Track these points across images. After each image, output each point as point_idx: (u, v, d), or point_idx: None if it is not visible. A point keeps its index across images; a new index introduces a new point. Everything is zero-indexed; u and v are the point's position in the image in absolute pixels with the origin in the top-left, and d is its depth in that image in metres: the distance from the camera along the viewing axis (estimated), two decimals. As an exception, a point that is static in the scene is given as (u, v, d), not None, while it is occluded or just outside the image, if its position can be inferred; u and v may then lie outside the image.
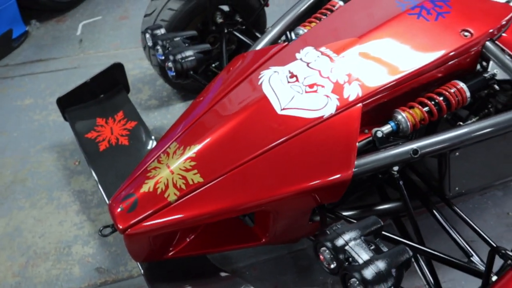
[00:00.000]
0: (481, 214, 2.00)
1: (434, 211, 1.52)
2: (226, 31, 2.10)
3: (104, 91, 1.98)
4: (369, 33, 1.52)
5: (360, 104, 1.39)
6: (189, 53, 1.73)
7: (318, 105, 1.38)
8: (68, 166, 2.02)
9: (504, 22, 1.55)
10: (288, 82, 1.43)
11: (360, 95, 1.40)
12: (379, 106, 1.45)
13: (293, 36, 1.78)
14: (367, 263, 1.11)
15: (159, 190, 1.33)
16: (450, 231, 1.46)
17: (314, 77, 1.43)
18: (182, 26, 2.00)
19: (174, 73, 1.75)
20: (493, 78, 1.50)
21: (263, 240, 1.49)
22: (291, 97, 1.40)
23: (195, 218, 1.31)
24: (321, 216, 1.42)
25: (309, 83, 1.42)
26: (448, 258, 1.40)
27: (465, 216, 1.51)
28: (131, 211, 1.33)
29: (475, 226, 1.49)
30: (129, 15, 2.98)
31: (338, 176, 1.32)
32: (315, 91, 1.41)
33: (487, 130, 1.40)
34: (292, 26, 1.81)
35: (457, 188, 1.59)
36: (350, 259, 1.14)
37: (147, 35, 1.86)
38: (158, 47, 1.79)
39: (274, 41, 1.76)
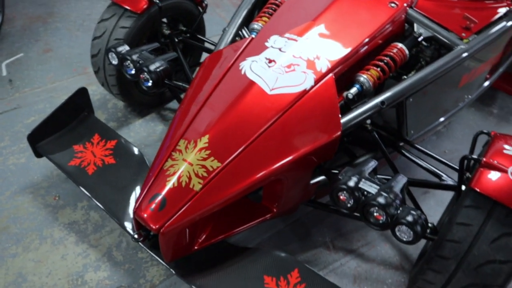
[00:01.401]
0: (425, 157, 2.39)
1: (402, 151, 1.82)
2: (177, 40, 2.23)
3: (72, 119, 1.96)
4: (320, 15, 1.78)
5: (331, 74, 1.63)
6: (161, 62, 1.84)
7: (299, 81, 1.60)
8: (48, 203, 1.95)
9: (416, -9, 1.93)
10: (269, 66, 1.62)
11: (330, 66, 1.64)
12: (344, 74, 1.71)
13: (246, 32, 1.97)
14: (379, 192, 1.36)
15: (183, 183, 1.43)
16: (420, 162, 1.77)
17: (289, 58, 1.64)
18: (135, 42, 2.06)
19: (150, 84, 1.83)
20: (420, 36, 1.86)
21: (274, 210, 1.64)
22: (275, 78, 1.59)
23: (223, 199, 1.43)
24: (325, 173, 1.63)
25: (287, 64, 1.63)
26: (425, 181, 1.71)
27: (426, 150, 1.84)
28: (162, 209, 1.41)
29: (436, 156, 1.82)
30: (52, 47, 2.90)
31: (330, 135, 1.55)
32: (293, 70, 1.62)
33: (427, 78, 1.73)
34: (243, 24, 2.00)
35: (412, 132, 1.91)
36: (365, 193, 1.38)
37: (111, 54, 1.91)
38: (128, 63, 1.86)
39: (233, 39, 1.94)
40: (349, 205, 1.41)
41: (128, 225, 1.63)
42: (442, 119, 2.08)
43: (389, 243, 1.94)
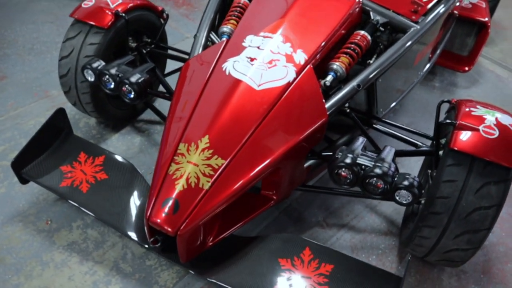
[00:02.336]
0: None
1: (377, 126, 2.00)
2: (145, 51, 2.25)
3: (53, 141, 1.93)
4: (287, 12, 1.90)
5: (310, 65, 1.76)
6: (140, 74, 1.87)
7: (282, 75, 1.71)
8: (41, 229, 1.90)
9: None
10: (251, 64, 1.72)
11: (307, 58, 1.77)
12: (318, 64, 1.85)
13: (215, 36, 2.05)
14: (375, 164, 1.51)
15: (193, 184, 1.49)
16: (396, 133, 1.95)
17: (268, 55, 1.75)
18: (107, 57, 2.06)
19: (132, 95, 1.86)
20: (378, 23, 2.04)
21: (275, 197, 1.75)
22: (260, 74, 1.69)
23: (232, 193, 1.51)
24: (317, 156, 1.76)
25: (268, 61, 1.73)
26: (406, 151, 1.88)
27: (397, 124, 2.03)
28: (176, 212, 1.46)
29: (407, 127, 2.01)
30: (6, 74, 2.78)
31: (318, 120, 1.68)
32: (275, 65, 1.73)
33: (392, 58, 1.91)
34: (211, 29, 2.08)
35: (381, 109, 2.11)
36: (363, 167, 1.52)
37: (87, 71, 1.90)
38: (107, 77, 1.86)
39: (205, 43, 2.01)
40: (348, 180, 1.54)
41: (136, 235, 1.65)
42: (402, 95, 2.30)
43: (374, 213, 2.11)
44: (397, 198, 1.48)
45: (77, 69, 2.05)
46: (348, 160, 1.53)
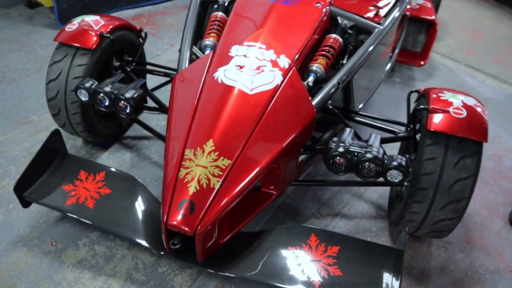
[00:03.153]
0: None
1: (356, 119, 2.19)
2: (129, 69, 2.33)
3: (50, 163, 1.96)
4: (265, 22, 2.06)
5: (294, 68, 1.92)
6: (135, 89, 1.94)
7: (270, 79, 1.85)
8: (47, 251, 1.91)
9: (331, -8, 2.32)
10: (241, 72, 1.85)
11: (290, 62, 1.93)
12: (299, 67, 2.01)
13: (196, 50, 2.16)
14: (366, 150, 1.68)
15: (205, 185, 1.59)
16: (374, 123, 2.14)
17: (255, 62, 1.89)
18: (93, 78, 2.11)
19: (129, 110, 1.93)
20: (346, 26, 2.24)
21: (275, 192, 1.87)
22: (251, 80, 1.83)
23: (241, 190, 1.62)
24: (311, 148, 1.91)
25: (255, 67, 1.87)
26: (388, 137, 2.06)
27: (373, 115, 2.23)
28: (193, 213, 1.55)
29: (382, 118, 2.21)
30: (-20, 104, 2.76)
31: (308, 118, 1.83)
32: (263, 71, 1.87)
33: (363, 57, 2.10)
34: (192, 43, 2.19)
35: (357, 104, 2.30)
36: (355, 153, 1.69)
37: (81, 91, 1.96)
38: (102, 95, 1.93)
39: (191, 58, 2.11)
40: (343, 167, 1.70)
41: (148, 243, 1.72)
42: (373, 90, 2.51)
43: (362, 200, 2.29)
44: (389, 178, 1.65)
45: (67, 90, 2.10)
46: (341, 149, 1.69)
